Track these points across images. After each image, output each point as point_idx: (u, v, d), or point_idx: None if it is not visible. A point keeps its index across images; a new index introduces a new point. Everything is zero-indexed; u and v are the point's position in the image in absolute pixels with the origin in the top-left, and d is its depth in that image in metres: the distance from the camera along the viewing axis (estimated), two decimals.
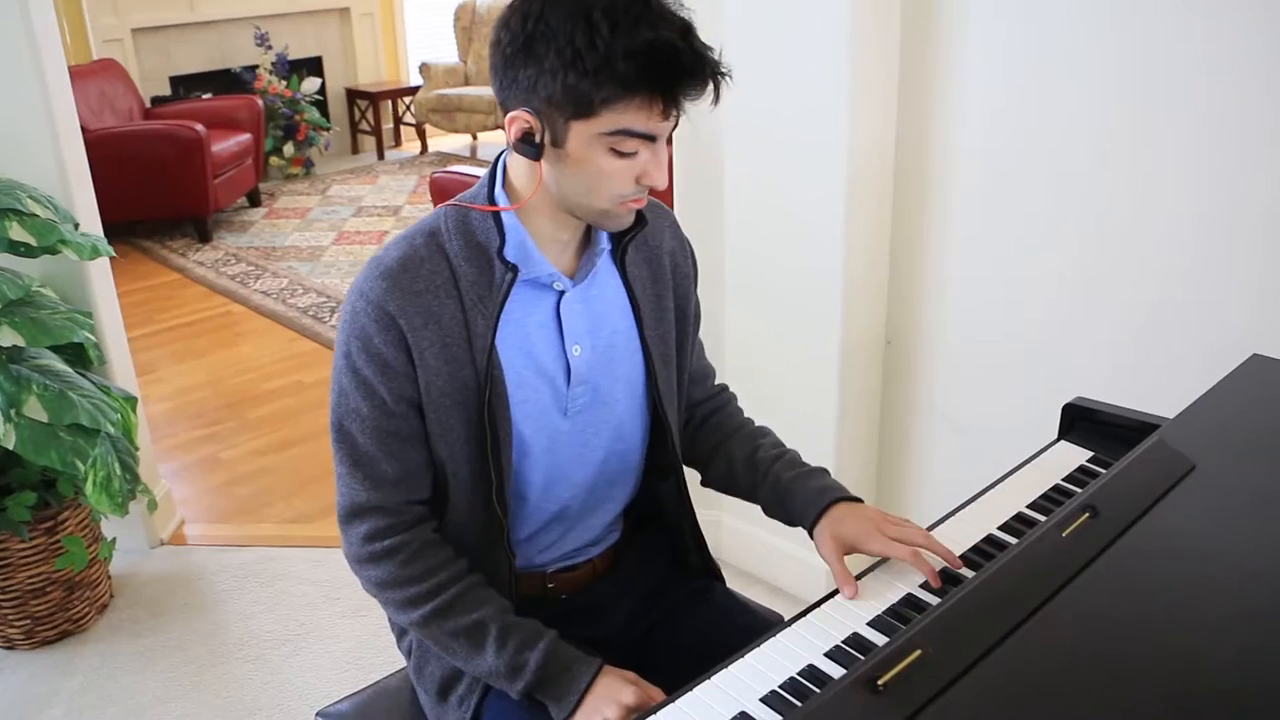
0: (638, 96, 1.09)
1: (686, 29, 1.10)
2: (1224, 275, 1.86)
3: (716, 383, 1.55)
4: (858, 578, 1.24)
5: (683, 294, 1.39)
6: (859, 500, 1.35)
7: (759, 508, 1.44)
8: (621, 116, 1.10)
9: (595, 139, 1.12)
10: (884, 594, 1.21)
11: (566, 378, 1.28)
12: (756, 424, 1.51)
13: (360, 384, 1.22)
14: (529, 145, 1.15)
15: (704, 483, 1.51)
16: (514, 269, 1.22)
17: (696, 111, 1.15)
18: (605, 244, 1.29)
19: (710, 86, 1.12)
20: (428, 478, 1.28)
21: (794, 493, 1.36)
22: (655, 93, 1.09)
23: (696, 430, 1.51)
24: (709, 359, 1.55)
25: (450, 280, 1.21)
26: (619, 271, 1.32)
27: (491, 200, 1.24)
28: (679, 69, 1.08)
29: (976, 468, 1.62)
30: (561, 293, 1.27)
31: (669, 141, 1.19)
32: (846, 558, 1.27)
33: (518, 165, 1.22)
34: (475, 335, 1.21)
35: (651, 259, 1.35)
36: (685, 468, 1.48)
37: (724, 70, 1.12)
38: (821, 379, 2.32)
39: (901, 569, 1.25)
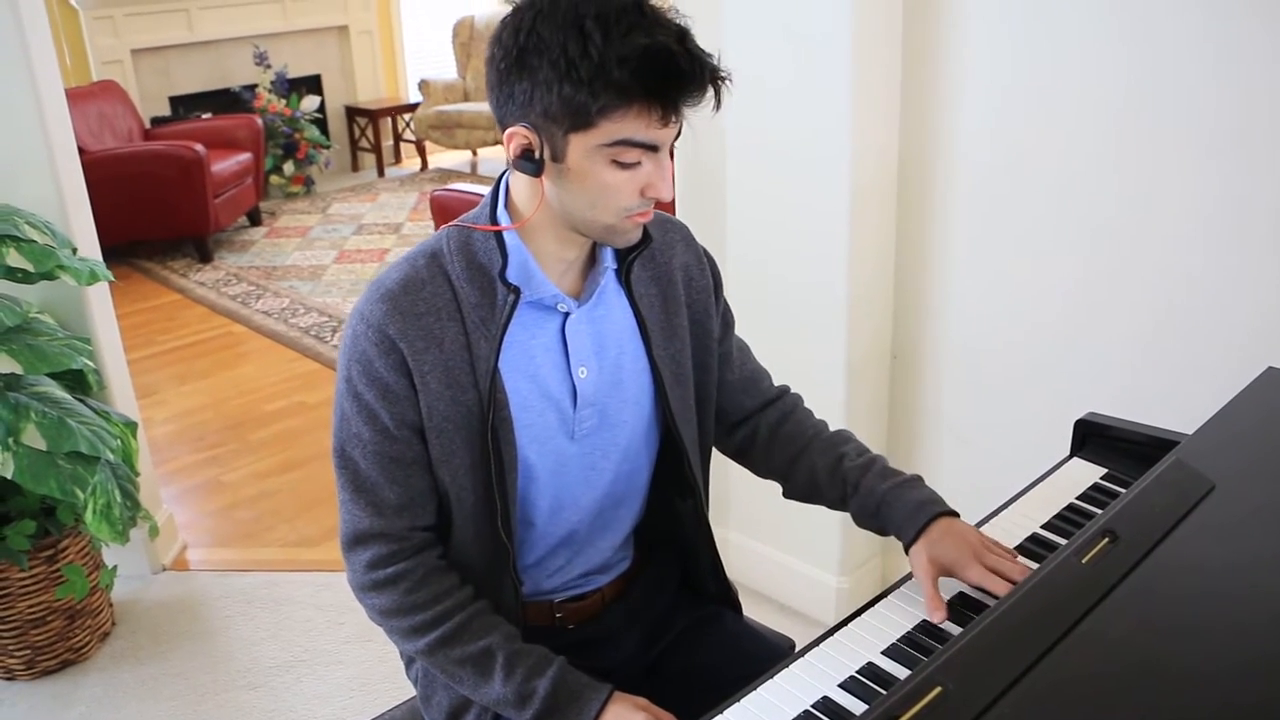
0: (635, 104, 1.06)
1: (683, 34, 1.08)
2: (1234, 283, 1.84)
3: (777, 385, 1.49)
4: (875, 600, 1.21)
5: (701, 309, 1.35)
6: (955, 514, 1.30)
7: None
8: (620, 126, 1.07)
9: (595, 151, 1.09)
10: (899, 621, 1.19)
11: (573, 401, 1.26)
12: (832, 428, 1.45)
13: (361, 409, 1.20)
14: (529, 161, 1.12)
15: (786, 494, 1.45)
16: (516, 291, 1.19)
17: (699, 120, 1.12)
18: (610, 263, 1.27)
19: (710, 92, 1.09)
20: (432, 504, 1.25)
21: (891, 505, 1.31)
22: (653, 99, 1.06)
23: (769, 442, 1.44)
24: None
25: (452, 302, 1.19)
26: (625, 291, 1.29)
27: (494, 220, 1.21)
28: (676, 73, 1.06)
29: (985, 483, 1.59)
30: (566, 314, 1.24)
31: (670, 154, 1.16)
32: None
33: (519, 183, 1.19)
34: (478, 359, 1.19)
35: (660, 276, 1.32)
36: (770, 479, 1.45)
37: (724, 75, 1.09)
38: (827, 394, 2.29)
39: (914, 597, 1.22)
